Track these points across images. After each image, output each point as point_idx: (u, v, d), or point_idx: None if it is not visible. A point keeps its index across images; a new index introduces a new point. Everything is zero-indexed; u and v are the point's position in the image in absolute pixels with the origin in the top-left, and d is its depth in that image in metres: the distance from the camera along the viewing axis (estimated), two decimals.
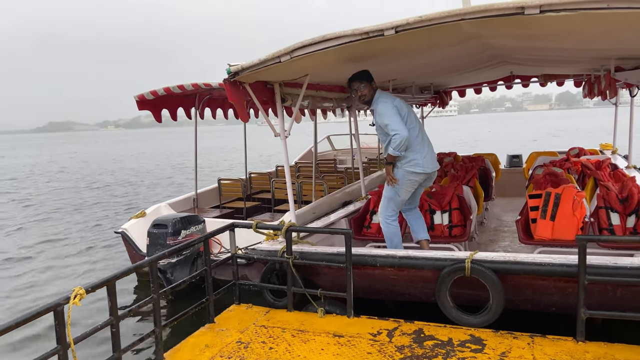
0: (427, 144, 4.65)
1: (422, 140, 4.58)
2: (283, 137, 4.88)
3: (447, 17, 3.17)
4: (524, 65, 7.41)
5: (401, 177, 4.54)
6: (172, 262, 5.53)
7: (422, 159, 4.52)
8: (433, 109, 11.44)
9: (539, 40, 4.19)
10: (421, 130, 4.63)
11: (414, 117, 4.62)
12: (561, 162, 7.21)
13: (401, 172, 4.54)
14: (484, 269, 3.58)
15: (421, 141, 4.56)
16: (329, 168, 11.23)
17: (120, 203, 15.30)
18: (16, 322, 2.57)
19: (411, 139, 4.44)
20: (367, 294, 4.41)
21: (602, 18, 3.01)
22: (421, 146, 4.54)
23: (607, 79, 5.65)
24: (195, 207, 8.24)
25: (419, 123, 4.67)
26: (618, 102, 9.62)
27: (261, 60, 4.01)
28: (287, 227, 4.35)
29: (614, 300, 3.47)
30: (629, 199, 4.71)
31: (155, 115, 6.97)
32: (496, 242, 6.36)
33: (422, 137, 4.61)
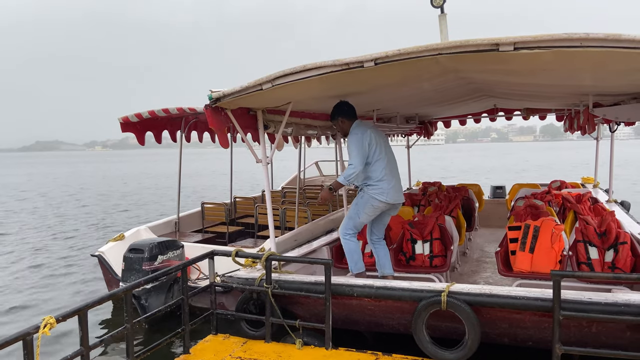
0: (395, 176, 4.82)
1: (391, 172, 4.75)
2: (265, 164, 4.87)
3: (424, 51, 3.23)
4: (506, 99, 7.56)
5: (365, 201, 4.72)
6: (147, 289, 5.41)
7: (388, 189, 4.67)
8: (419, 138, 11.57)
9: (516, 76, 4.28)
10: (390, 162, 4.80)
11: (384, 148, 4.75)
12: (542, 195, 7.28)
13: (366, 196, 4.72)
14: (460, 302, 3.54)
15: (389, 172, 4.72)
16: (316, 194, 11.21)
17: (100, 225, 15.06)
18: None
19: (378, 169, 4.65)
20: (345, 324, 4.34)
21: (576, 56, 3.09)
22: (389, 177, 4.71)
23: (585, 115, 5.77)
24: (176, 231, 8.14)
25: (389, 155, 4.82)
26: (599, 137, 9.82)
27: (243, 87, 4.03)
28: (266, 256, 4.28)
29: (590, 336, 3.45)
30: (607, 233, 4.74)
31: (139, 137, 6.95)
32: (478, 273, 6.34)
33: (391, 169, 4.77)
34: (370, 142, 4.61)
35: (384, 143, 4.79)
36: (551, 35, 2.92)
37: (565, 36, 2.86)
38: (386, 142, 4.86)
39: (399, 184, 4.83)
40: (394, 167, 4.84)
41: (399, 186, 4.84)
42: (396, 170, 4.87)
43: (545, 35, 2.94)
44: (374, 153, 4.63)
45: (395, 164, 4.88)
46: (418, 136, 11.45)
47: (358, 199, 4.81)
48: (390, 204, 4.76)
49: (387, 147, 4.82)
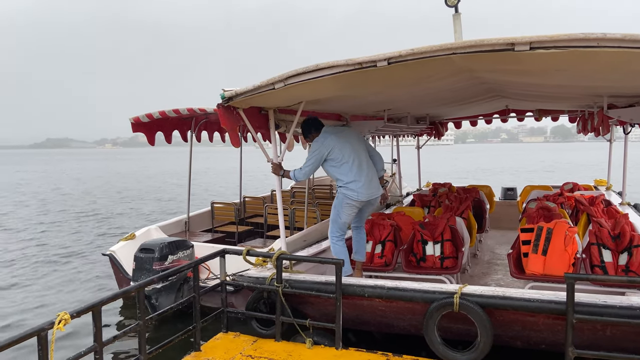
0: (366, 174, 4.92)
1: (359, 171, 4.87)
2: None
3: (438, 50, 3.20)
4: (518, 99, 7.50)
5: (339, 202, 4.93)
6: (158, 288, 5.43)
7: (358, 188, 4.84)
8: (429, 139, 11.51)
9: (530, 76, 4.23)
10: (360, 162, 4.92)
11: (350, 150, 4.88)
12: (555, 197, 7.20)
13: (340, 197, 4.94)
14: (472, 304, 3.51)
15: (358, 172, 4.85)
16: (325, 194, 11.20)
17: (112, 224, 15.17)
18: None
19: (345, 171, 4.84)
20: (356, 324, 4.33)
21: (592, 56, 3.05)
22: (358, 177, 4.85)
23: (599, 116, 5.70)
24: (186, 231, 8.17)
25: (359, 155, 4.94)
26: (613, 139, 9.70)
27: (255, 86, 4.03)
28: (277, 255, 4.29)
29: (605, 340, 3.40)
30: (621, 236, 4.68)
31: (149, 137, 6.99)
32: (489, 275, 6.29)
33: (360, 167, 4.89)
34: (331, 150, 4.82)
35: (352, 144, 4.93)
36: (568, 35, 2.88)
37: (582, 36, 2.83)
38: (356, 142, 5.01)
39: (370, 182, 4.94)
40: (365, 165, 4.95)
41: (372, 183, 4.96)
42: (367, 168, 4.97)
43: (562, 35, 2.90)
44: (339, 157, 4.83)
45: (366, 162, 4.99)
46: (428, 137, 11.40)
47: (335, 201, 5.00)
48: (363, 201, 4.93)
49: (356, 147, 4.96)
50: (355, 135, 5.09)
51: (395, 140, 11.85)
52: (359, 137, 5.13)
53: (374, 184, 4.98)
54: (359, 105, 6.23)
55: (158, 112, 6.73)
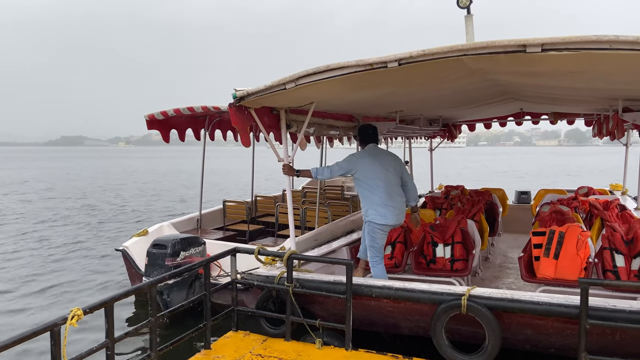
0: (395, 200, 4.98)
1: (389, 197, 4.94)
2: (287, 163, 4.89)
3: (449, 51, 3.20)
4: (533, 102, 7.43)
5: (372, 228, 4.99)
6: (169, 284, 5.49)
7: (386, 212, 4.92)
8: (442, 141, 11.46)
9: (543, 78, 4.20)
10: (388, 186, 4.95)
11: (382, 175, 4.94)
12: (569, 201, 7.13)
13: (371, 224, 4.97)
14: (480, 307, 3.50)
15: (387, 198, 4.93)
16: (336, 195, 11.21)
17: (126, 220, 15.37)
18: (13, 341, 2.57)
19: (377, 195, 4.91)
20: (363, 325, 4.34)
21: (605, 59, 3.02)
22: (387, 200, 4.93)
23: (614, 120, 5.62)
24: (198, 228, 8.25)
25: (389, 180, 4.98)
26: (629, 142, 9.56)
27: (267, 86, 4.07)
28: (288, 255, 4.32)
29: (613, 345, 3.37)
30: (635, 241, 4.61)
31: (164, 135, 7.08)
32: (500, 279, 6.25)
33: (390, 195, 4.95)
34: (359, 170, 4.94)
35: (386, 169, 4.98)
36: (580, 37, 2.86)
37: (595, 38, 2.80)
38: (391, 168, 5.04)
39: (397, 208, 5.00)
40: (395, 192, 5.01)
41: (398, 210, 5.01)
42: (397, 195, 5.03)
43: (574, 37, 2.88)
44: (370, 179, 4.93)
45: (395, 188, 5.02)
46: (441, 139, 11.34)
47: (366, 227, 5.06)
48: (391, 225, 5.01)
49: (389, 173, 5.00)
50: (392, 161, 5.11)
51: (408, 142, 11.82)
52: (397, 163, 5.14)
53: (401, 211, 5.06)
54: (370, 106, 6.24)
55: (173, 109, 6.81)
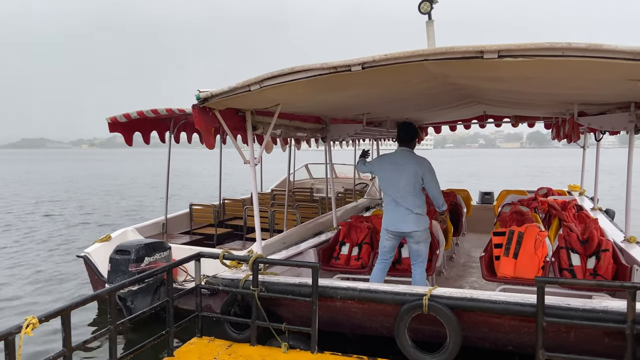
0: (401, 206, 4.86)
1: (394, 202, 4.91)
2: (252, 165, 4.88)
3: (411, 56, 3.27)
4: (495, 106, 7.64)
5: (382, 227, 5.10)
6: (133, 290, 5.37)
7: (387, 217, 4.99)
8: None
9: (501, 83, 4.33)
10: (399, 195, 4.87)
11: (393, 180, 4.90)
12: (529, 201, 7.35)
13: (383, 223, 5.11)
14: (441, 306, 3.57)
15: (392, 201, 4.93)
16: (305, 197, 11.23)
17: (87, 225, 14.93)
18: None
19: (385, 200, 5.07)
20: (329, 326, 4.35)
21: (559, 65, 3.14)
22: (391, 205, 4.96)
23: (570, 123, 5.85)
24: (164, 233, 8.10)
25: (400, 186, 4.87)
26: (586, 145, 9.95)
27: (231, 88, 4.04)
28: (254, 259, 4.29)
29: (569, 342, 3.49)
30: (590, 241, 4.81)
31: (127, 138, 6.93)
32: (464, 278, 6.39)
33: (397, 201, 4.89)
34: (378, 172, 5.17)
35: (399, 174, 4.86)
36: (534, 44, 2.96)
37: (548, 45, 2.91)
38: (406, 173, 4.85)
39: (400, 216, 4.86)
40: (402, 200, 4.84)
41: (401, 218, 4.86)
42: (403, 203, 4.85)
43: (529, 44, 2.98)
44: (384, 182, 5.04)
45: (405, 197, 4.84)
46: None
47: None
48: (390, 231, 4.95)
49: (402, 179, 4.85)
50: (409, 169, 4.84)
51: (376, 144, 11.96)
52: (414, 170, 4.84)
53: (405, 218, 4.84)
54: (337, 108, 6.28)
55: (136, 112, 6.68)
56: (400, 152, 5.00)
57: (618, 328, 3.21)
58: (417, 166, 4.85)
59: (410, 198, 4.83)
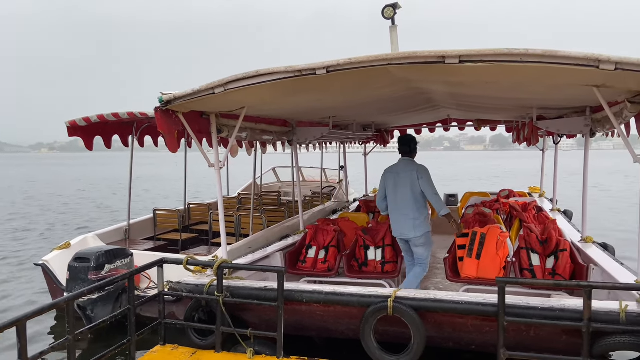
0: (402, 212, 5.18)
1: (397, 209, 5.24)
2: (217, 169, 4.81)
3: (374, 60, 3.30)
4: (458, 110, 7.81)
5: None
6: (93, 299, 5.19)
7: (394, 227, 5.34)
8: (375, 146, 11.76)
9: (463, 88, 4.42)
10: (400, 200, 5.19)
11: (395, 188, 5.23)
12: (491, 203, 7.54)
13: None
14: (406, 308, 3.60)
15: (394, 208, 5.28)
16: (273, 200, 11.16)
17: (45, 232, 14.38)
18: None
19: (389, 206, 5.36)
20: (296, 330, 4.33)
21: (517, 70, 3.23)
22: (393, 213, 5.31)
23: (530, 127, 6.03)
24: (126, 239, 7.88)
25: (402, 194, 5.18)
26: (545, 148, 10.29)
27: (195, 90, 3.98)
28: (218, 264, 4.22)
29: (529, 341, 3.58)
30: (549, 241, 4.96)
31: (87, 142, 6.72)
32: (429, 279, 6.48)
33: (398, 207, 5.22)
34: (383, 183, 5.40)
35: (397, 183, 5.21)
36: (494, 50, 3.04)
37: (507, 51, 2.99)
38: (404, 181, 5.17)
39: (402, 221, 5.17)
40: (405, 204, 5.15)
41: (403, 223, 5.17)
42: (403, 206, 5.16)
43: (489, 50, 3.06)
44: (387, 192, 5.34)
45: (407, 201, 5.13)
46: (375, 144, 11.64)
47: None
48: (397, 238, 5.35)
49: (401, 186, 5.18)
50: (404, 172, 5.19)
51: (343, 147, 12.02)
52: (408, 174, 5.15)
53: (405, 225, 5.14)
54: (304, 111, 6.28)
55: (96, 115, 6.49)
56: (402, 162, 5.34)
57: (575, 326, 3.31)
58: (413, 173, 5.13)
59: (410, 205, 5.12)
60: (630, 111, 3.68)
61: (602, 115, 4.95)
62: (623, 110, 3.87)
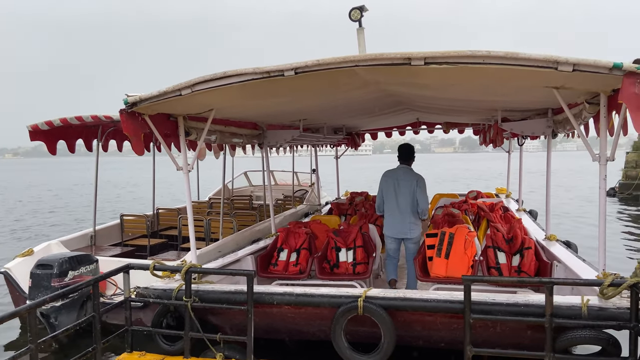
0: (402, 213, 5.63)
1: (398, 210, 5.65)
2: (186, 172, 4.74)
3: (342, 62, 3.32)
4: (427, 112, 7.94)
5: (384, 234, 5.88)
6: (57, 306, 5.03)
7: (387, 223, 5.77)
8: (347, 149, 11.83)
9: (429, 90, 4.49)
10: (395, 202, 5.66)
11: (394, 190, 5.69)
12: (460, 204, 7.67)
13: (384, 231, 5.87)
14: (376, 307, 3.63)
15: (395, 209, 5.67)
16: (244, 204, 11.07)
17: (7, 239, 13.87)
18: None
19: (387, 207, 5.76)
20: (267, 333, 4.30)
21: (480, 72, 3.30)
22: (390, 212, 5.72)
23: (495, 129, 6.17)
24: (92, 245, 7.68)
25: (402, 196, 5.64)
26: (511, 150, 10.56)
27: (161, 92, 3.91)
28: (186, 269, 4.14)
29: (496, 336, 3.65)
30: (514, 240, 5.09)
31: (50, 147, 6.53)
32: (400, 280, 6.53)
33: (393, 208, 5.67)
34: (383, 187, 5.81)
35: (396, 186, 5.68)
36: (457, 52, 3.10)
37: (470, 53, 3.06)
38: (402, 185, 5.67)
39: (399, 222, 5.65)
40: (399, 206, 5.63)
41: (400, 223, 5.65)
42: (403, 208, 5.62)
43: (453, 52, 3.12)
44: (385, 195, 5.75)
45: (402, 203, 5.63)
46: (346, 147, 11.70)
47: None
48: (390, 236, 5.74)
49: (399, 189, 5.67)
50: (405, 180, 5.69)
51: (314, 150, 12.03)
52: (409, 182, 5.66)
53: (403, 226, 5.64)
54: (273, 114, 6.26)
55: (59, 119, 6.31)
56: (401, 169, 5.83)
57: (538, 322, 3.38)
58: (413, 182, 5.68)
59: (409, 210, 5.63)
60: (588, 112, 3.81)
61: (562, 117, 5.11)
62: (582, 111, 4.01)
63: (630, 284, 3.27)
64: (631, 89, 2.88)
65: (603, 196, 3.78)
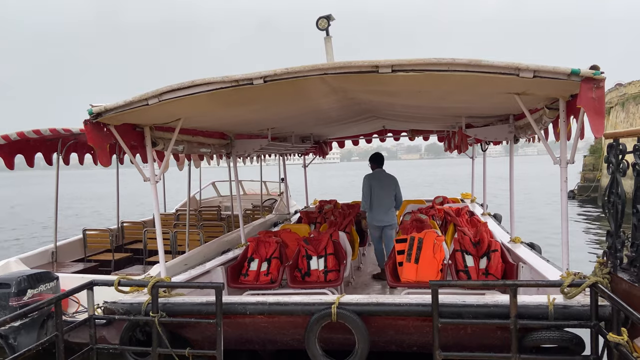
0: (383, 206, 6.92)
1: (379, 204, 6.92)
2: (153, 183, 4.64)
3: (311, 70, 3.34)
4: (393, 120, 8.06)
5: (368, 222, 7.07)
6: (16, 326, 4.80)
7: (372, 215, 6.96)
8: (315, 157, 11.86)
9: (396, 97, 4.57)
10: (379, 198, 6.91)
11: (377, 189, 6.92)
12: (427, 209, 7.80)
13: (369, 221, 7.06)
14: (349, 313, 3.63)
15: (376, 203, 6.93)
16: (213, 215, 10.90)
17: None
18: None
19: (372, 201, 6.94)
20: (239, 344, 4.22)
21: (445, 79, 3.38)
22: (375, 207, 6.94)
23: (459, 135, 6.32)
24: (54, 262, 7.38)
25: (382, 193, 6.91)
26: (474, 155, 10.83)
27: (127, 102, 3.83)
28: (153, 283, 4.03)
29: (467, 338, 3.70)
30: (481, 243, 5.20)
31: (7, 161, 6.29)
32: (371, 286, 6.57)
33: (379, 202, 6.92)
34: (369, 187, 6.96)
35: (379, 186, 6.92)
36: (424, 60, 3.17)
37: (435, 60, 3.13)
38: (385, 185, 6.94)
39: (382, 213, 6.92)
40: (383, 200, 6.91)
41: (383, 214, 6.91)
42: (385, 202, 6.91)
43: (419, 59, 3.19)
44: (370, 193, 6.93)
45: (384, 198, 6.91)
46: (314, 155, 11.74)
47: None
48: (375, 225, 6.96)
49: (382, 188, 6.92)
50: (386, 181, 6.99)
51: (282, 159, 12.01)
52: (389, 183, 6.98)
53: (386, 216, 6.89)
54: (241, 123, 6.22)
55: (16, 133, 6.08)
56: (380, 172, 7.09)
57: (504, 324, 3.45)
58: (392, 181, 7.03)
59: (389, 203, 6.95)
60: (548, 117, 3.96)
61: (524, 122, 5.28)
62: (542, 116, 4.16)
63: (589, 284, 3.39)
64: (588, 94, 3.00)
65: (564, 198, 3.92)
